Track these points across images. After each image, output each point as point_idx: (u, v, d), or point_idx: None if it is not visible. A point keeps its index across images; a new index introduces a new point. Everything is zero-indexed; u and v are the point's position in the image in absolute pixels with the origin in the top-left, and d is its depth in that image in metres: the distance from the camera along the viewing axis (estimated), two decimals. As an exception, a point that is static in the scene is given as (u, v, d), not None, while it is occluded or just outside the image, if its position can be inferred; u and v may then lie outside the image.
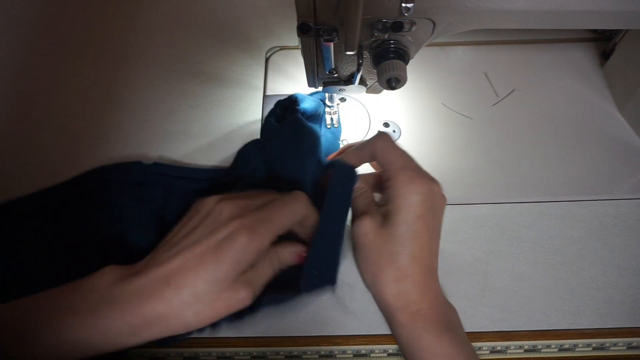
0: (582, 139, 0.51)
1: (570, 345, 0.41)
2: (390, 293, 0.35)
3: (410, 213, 0.35)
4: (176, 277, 0.30)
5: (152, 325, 0.30)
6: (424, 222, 0.35)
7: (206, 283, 0.31)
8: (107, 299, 0.30)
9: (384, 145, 0.38)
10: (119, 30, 0.60)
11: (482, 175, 0.49)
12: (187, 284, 0.30)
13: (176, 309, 0.30)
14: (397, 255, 0.35)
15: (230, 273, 0.31)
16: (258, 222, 0.33)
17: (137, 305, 0.30)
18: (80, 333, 0.30)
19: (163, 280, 0.31)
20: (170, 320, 0.31)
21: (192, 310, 0.31)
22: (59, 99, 0.54)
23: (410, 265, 0.35)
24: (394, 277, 0.35)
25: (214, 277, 0.31)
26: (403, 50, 0.37)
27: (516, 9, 0.36)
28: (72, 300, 0.31)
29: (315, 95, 0.51)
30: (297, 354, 0.41)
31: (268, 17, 0.61)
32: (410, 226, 0.35)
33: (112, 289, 0.31)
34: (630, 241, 0.45)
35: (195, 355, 0.41)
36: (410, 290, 0.35)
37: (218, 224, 0.32)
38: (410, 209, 0.35)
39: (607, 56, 0.56)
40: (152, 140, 0.51)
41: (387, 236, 0.35)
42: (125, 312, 0.30)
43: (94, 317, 0.30)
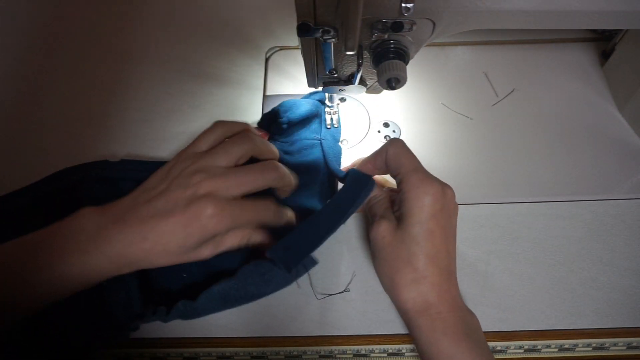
0: (582, 139, 0.51)
1: (570, 345, 0.41)
2: (409, 296, 0.35)
3: (423, 213, 0.36)
4: (152, 236, 0.36)
5: (132, 264, 0.36)
6: (437, 221, 0.36)
7: (176, 246, 0.36)
8: (95, 241, 0.35)
9: (396, 150, 0.39)
10: (119, 31, 0.60)
11: (482, 175, 0.49)
12: (160, 242, 0.36)
13: (150, 257, 0.36)
14: (414, 256, 0.35)
15: (195, 242, 0.36)
16: (228, 214, 0.36)
17: (121, 250, 0.35)
18: (72, 271, 0.34)
19: (141, 234, 0.36)
20: (144, 262, 0.37)
21: (162, 260, 0.37)
22: (59, 99, 0.54)
23: (427, 266, 0.35)
24: (411, 279, 0.35)
25: (183, 243, 0.36)
26: (403, 50, 0.37)
27: (516, 9, 0.36)
28: (60, 242, 0.35)
29: (314, 95, 0.51)
30: (297, 354, 0.41)
31: (268, 17, 0.61)
32: (423, 225, 0.35)
33: (98, 232, 0.35)
34: (630, 241, 0.45)
35: (195, 355, 0.41)
36: (428, 292, 0.35)
37: (193, 199, 0.36)
38: (422, 208, 0.36)
39: (607, 56, 0.56)
40: (152, 141, 0.51)
41: (402, 237, 0.36)
42: (112, 254, 0.35)
43: (85, 256, 0.35)
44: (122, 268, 0.36)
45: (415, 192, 0.36)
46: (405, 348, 0.41)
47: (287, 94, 0.53)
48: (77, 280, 0.35)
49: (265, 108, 0.53)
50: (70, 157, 0.50)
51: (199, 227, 0.36)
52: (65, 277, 0.34)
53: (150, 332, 0.41)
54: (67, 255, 0.34)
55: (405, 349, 0.41)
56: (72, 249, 0.35)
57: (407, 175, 0.37)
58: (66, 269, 0.34)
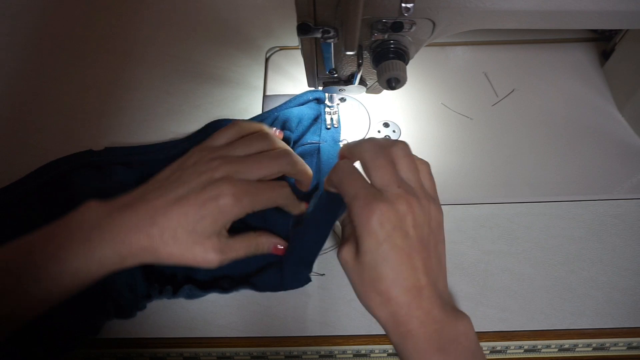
0: (582, 139, 0.51)
1: (570, 345, 0.41)
2: (380, 315, 0.34)
3: (372, 240, 0.33)
4: (161, 220, 0.35)
5: (136, 255, 0.35)
6: (390, 244, 0.33)
7: (185, 231, 0.35)
8: (99, 230, 0.34)
9: (337, 177, 0.37)
10: (119, 31, 0.60)
11: (482, 175, 0.49)
12: (169, 227, 0.35)
13: (156, 245, 0.35)
14: (375, 281, 0.34)
15: (207, 228, 0.35)
16: (245, 193, 0.36)
17: (126, 237, 0.34)
18: (78, 263, 0.33)
19: (150, 219, 0.35)
20: (149, 252, 0.35)
21: (167, 250, 0.35)
22: (59, 99, 0.54)
23: (390, 289, 0.34)
24: (379, 302, 0.34)
25: (194, 228, 0.35)
26: (403, 50, 0.37)
27: (516, 9, 0.36)
28: (66, 234, 0.34)
29: (313, 94, 0.51)
30: (297, 354, 0.41)
31: (268, 17, 0.61)
32: (374, 253, 0.34)
33: (102, 220, 0.35)
34: (630, 241, 0.45)
35: (195, 355, 0.41)
36: (397, 312, 0.34)
37: (210, 182, 0.36)
38: (370, 236, 0.33)
39: (607, 56, 0.56)
40: (152, 141, 0.51)
41: (361, 263, 0.34)
42: (116, 242, 0.34)
43: (89, 247, 0.34)
44: (127, 259, 0.35)
45: (360, 220, 0.34)
46: (405, 348, 0.41)
47: (287, 94, 0.53)
48: (82, 274, 0.34)
49: (265, 108, 0.53)
50: (70, 157, 0.50)
51: (214, 209, 0.35)
52: (70, 271, 0.33)
53: (150, 332, 0.41)
54: (70, 247, 0.34)
55: None
56: (75, 240, 0.34)
57: (350, 205, 0.35)
58: (70, 262, 0.33)
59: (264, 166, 0.38)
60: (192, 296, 0.41)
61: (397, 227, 0.34)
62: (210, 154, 0.38)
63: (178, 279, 0.42)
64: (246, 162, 0.38)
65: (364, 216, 0.33)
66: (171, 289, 0.41)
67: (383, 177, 0.35)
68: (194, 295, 0.41)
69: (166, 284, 0.41)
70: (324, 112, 0.50)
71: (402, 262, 0.34)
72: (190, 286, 0.41)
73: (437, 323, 0.34)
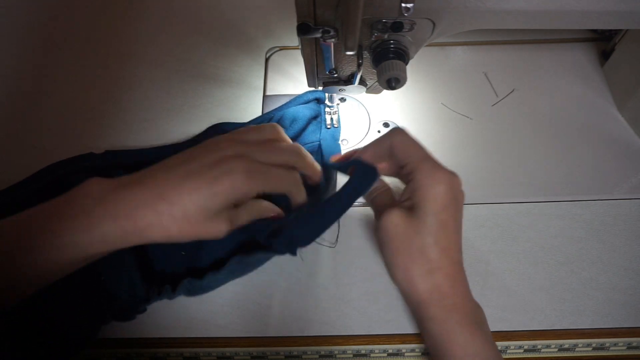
0: (582, 139, 0.51)
1: (570, 345, 0.41)
2: (424, 287, 0.35)
3: (437, 203, 0.35)
4: (171, 194, 0.33)
5: (142, 231, 0.33)
6: (450, 213, 0.35)
7: (196, 207, 0.33)
8: (103, 204, 0.33)
9: (402, 138, 0.38)
10: (119, 31, 0.60)
11: (482, 175, 0.49)
12: (180, 202, 0.33)
13: (164, 221, 0.33)
14: (428, 247, 0.35)
15: (218, 204, 0.34)
16: (257, 171, 0.35)
17: (131, 211, 0.33)
18: (80, 236, 0.32)
19: (158, 194, 0.33)
20: (157, 229, 0.33)
21: (177, 225, 0.34)
22: (59, 99, 0.54)
23: (441, 258, 0.35)
24: (426, 270, 0.35)
25: (205, 204, 0.34)
26: (403, 50, 0.37)
27: (516, 9, 0.36)
28: (69, 207, 0.33)
29: (313, 94, 0.51)
30: (297, 354, 0.41)
31: (268, 17, 0.61)
32: (438, 216, 0.35)
33: (106, 195, 0.33)
34: (630, 241, 0.45)
35: (195, 355, 0.41)
36: (443, 283, 0.35)
37: (221, 158, 0.35)
38: (436, 198, 0.35)
39: (607, 56, 0.56)
40: (153, 140, 0.51)
41: (417, 227, 0.35)
42: (120, 216, 0.33)
43: (91, 220, 0.32)
44: (131, 235, 0.33)
45: (429, 181, 0.35)
46: (405, 348, 0.41)
47: (287, 94, 0.53)
48: (82, 249, 0.33)
49: (265, 108, 0.53)
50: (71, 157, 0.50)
51: (228, 184, 0.34)
52: (70, 245, 0.32)
53: (150, 332, 0.41)
54: (72, 220, 0.32)
55: (405, 349, 0.41)
56: (77, 213, 0.33)
57: (419, 164, 0.36)
58: (71, 235, 0.32)
59: (276, 152, 0.38)
60: (192, 291, 0.40)
61: (455, 198, 0.36)
62: (223, 137, 0.38)
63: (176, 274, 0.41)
64: (258, 145, 0.38)
65: (435, 180, 0.35)
66: (170, 288, 0.40)
67: None
68: (193, 289, 0.40)
69: (164, 284, 0.41)
70: (324, 112, 0.50)
71: (454, 233, 0.36)
72: (189, 279, 0.40)
73: (472, 302, 0.37)
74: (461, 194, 0.37)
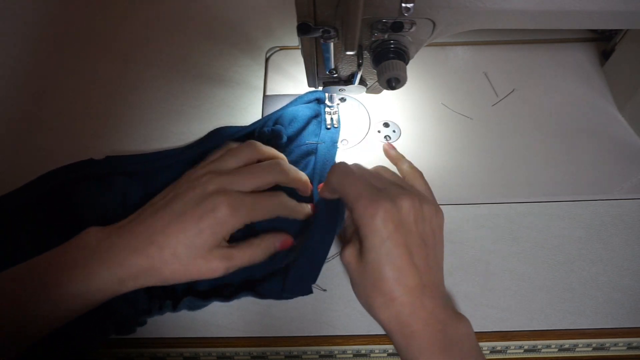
0: (582, 139, 0.51)
1: (570, 345, 0.41)
2: (384, 317, 0.34)
3: (376, 237, 0.34)
4: (159, 238, 0.35)
5: (137, 277, 0.35)
6: (394, 241, 0.34)
7: (185, 247, 0.35)
8: (97, 254, 0.34)
9: (337, 180, 0.37)
10: (119, 31, 0.60)
11: (482, 175, 0.49)
12: (168, 245, 0.35)
13: (157, 265, 0.35)
14: (378, 281, 0.34)
15: (207, 242, 0.35)
16: (241, 203, 0.36)
17: (124, 259, 0.34)
18: (78, 287, 0.34)
19: (147, 239, 0.35)
20: (151, 273, 0.35)
21: (169, 268, 0.35)
22: (59, 99, 0.54)
23: (393, 288, 0.34)
24: (382, 302, 0.34)
25: (193, 243, 0.35)
26: (403, 50, 0.37)
27: (516, 9, 0.36)
28: (66, 258, 0.35)
29: (313, 94, 0.51)
30: (297, 354, 0.41)
31: (268, 17, 0.61)
32: (379, 251, 0.34)
33: (100, 245, 0.35)
34: (630, 241, 0.45)
35: (195, 355, 0.41)
36: (400, 312, 0.34)
37: (204, 196, 0.36)
38: (374, 233, 0.34)
39: (607, 56, 0.56)
40: (153, 140, 0.51)
41: (364, 263, 0.35)
42: (114, 264, 0.34)
43: (87, 271, 0.34)
44: (127, 282, 0.35)
45: (364, 219, 0.34)
46: (405, 348, 0.41)
47: (287, 94, 0.53)
48: (81, 299, 0.34)
49: (265, 108, 0.53)
50: (71, 157, 0.50)
51: (212, 221, 0.35)
52: (71, 295, 0.34)
53: (150, 332, 0.41)
54: (70, 271, 0.34)
55: None
56: (74, 264, 0.34)
57: (353, 205, 0.35)
58: (72, 286, 0.34)
59: (256, 177, 0.38)
60: (194, 308, 0.41)
61: (400, 224, 0.34)
62: (201, 170, 0.39)
63: (178, 291, 0.41)
64: (238, 173, 0.38)
65: (368, 215, 0.34)
66: (170, 304, 0.40)
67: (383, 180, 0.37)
68: (195, 307, 0.41)
69: (166, 299, 0.40)
70: (324, 112, 0.50)
71: (404, 260, 0.34)
72: (190, 298, 0.40)
73: (440, 323, 0.34)
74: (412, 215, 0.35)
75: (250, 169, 0.39)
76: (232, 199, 0.36)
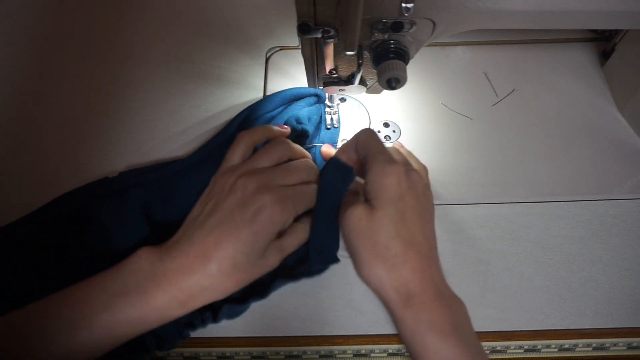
0: (582, 139, 0.51)
1: (570, 345, 0.41)
2: (390, 284, 0.33)
3: (390, 193, 0.34)
4: (216, 252, 0.33)
5: (198, 296, 0.33)
6: (407, 203, 0.34)
7: (243, 254, 0.34)
8: (152, 278, 0.33)
9: (364, 137, 0.39)
10: (119, 31, 0.60)
11: (482, 175, 0.49)
12: (226, 257, 0.33)
13: (218, 280, 0.33)
14: (391, 239, 0.33)
15: (264, 243, 0.34)
16: (286, 196, 0.35)
17: (182, 281, 0.33)
18: (133, 312, 0.32)
19: (203, 256, 0.33)
20: (213, 290, 0.34)
21: (232, 280, 0.34)
22: (59, 100, 0.54)
23: (406, 251, 0.33)
24: (391, 265, 0.33)
25: (251, 248, 0.34)
26: (403, 50, 0.37)
27: (516, 9, 0.36)
28: (119, 283, 0.33)
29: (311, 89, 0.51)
30: (297, 354, 0.41)
31: (268, 17, 0.61)
32: (394, 206, 0.34)
33: (154, 268, 0.33)
34: (630, 241, 0.45)
35: (195, 355, 0.41)
36: (410, 279, 0.33)
37: (247, 198, 0.35)
38: (388, 189, 0.34)
39: (607, 56, 0.56)
40: (153, 140, 0.51)
41: (377, 219, 0.34)
42: (172, 288, 0.33)
43: (143, 296, 0.32)
44: (189, 303, 0.34)
45: (380, 173, 0.35)
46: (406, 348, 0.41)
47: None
48: (137, 324, 0.33)
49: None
50: (71, 157, 0.50)
51: (266, 221, 0.34)
52: (124, 321, 0.32)
53: (150, 332, 0.41)
54: (125, 296, 0.32)
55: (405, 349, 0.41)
56: (129, 289, 0.33)
57: (372, 159, 0.36)
58: (126, 312, 0.32)
59: (293, 174, 0.38)
60: (233, 315, 0.40)
61: (412, 190, 0.35)
62: (233, 173, 0.37)
63: None
64: (275, 170, 0.37)
65: (386, 172, 0.35)
66: (211, 315, 0.40)
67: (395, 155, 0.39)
68: (234, 314, 0.40)
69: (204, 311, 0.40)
70: (324, 112, 0.50)
71: (416, 224, 0.34)
72: (228, 306, 0.39)
73: (446, 300, 0.33)
74: (420, 187, 0.36)
75: (288, 166, 0.38)
76: (278, 194, 0.35)
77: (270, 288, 0.41)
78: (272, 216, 0.34)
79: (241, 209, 0.34)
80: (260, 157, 0.38)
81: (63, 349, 0.32)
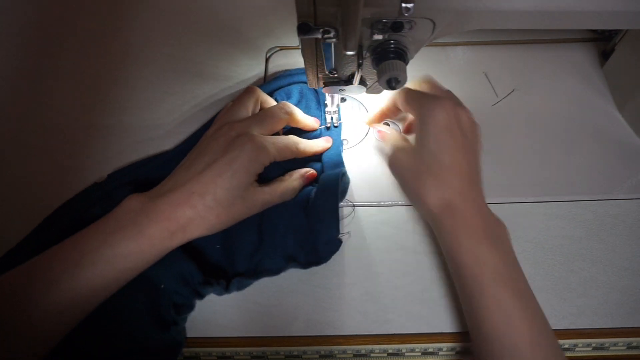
0: (582, 139, 0.51)
1: (570, 345, 0.41)
2: (434, 201, 0.37)
3: (437, 126, 0.38)
4: (199, 187, 0.38)
5: (185, 227, 0.37)
6: (451, 134, 0.38)
7: (224, 190, 0.38)
8: (144, 213, 0.37)
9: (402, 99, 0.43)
10: (119, 30, 0.60)
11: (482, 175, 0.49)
12: (208, 191, 0.38)
13: (202, 212, 0.37)
14: (433, 165, 0.38)
15: (242, 181, 0.39)
16: (264, 141, 0.40)
17: (170, 213, 0.37)
18: (130, 245, 0.36)
19: (187, 191, 0.38)
20: (198, 222, 0.38)
21: (214, 213, 0.38)
22: (58, 99, 0.54)
23: (448, 174, 0.37)
24: (434, 187, 0.37)
25: (230, 184, 0.38)
26: (403, 50, 0.37)
27: (516, 9, 0.36)
28: (114, 222, 0.37)
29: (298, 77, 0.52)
30: (297, 354, 0.41)
31: (268, 17, 0.61)
32: (438, 137, 0.38)
33: (145, 207, 0.37)
34: (630, 241, 0.45)
35: (195, 355, 0.42)
36: (452, 197, 0.37)
37: (228, 141, 0.39)
38: (435, 122, 0.38)
39: (607, 56, 0.56)
40: (152, 140, 0.51)
41: (420, 152, 0.39)
42: (161, 219, 0.37)
43: (137, 227, 0.36)
44: (176, 234, 0.37)
45: (429, 108, 0.39)
46: (405, 348, 0.41)
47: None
48: (134, 255, 0.36)
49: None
50: (71, 157, 0.50)
51: (243, 160, 0.38)
52: (123, 254, 0.35)
53: (150, 332, 0.41)
54: (120, 231, 0.36)
55: (405, 349, 0.41)
56: (124, 225, 0.36)
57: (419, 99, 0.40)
58: (123, 245, 0.35)
59: (270, 118, 0.43)
60: (242, 287, 0.42)
61: (456, 121, 0.39)
62: (215, 125, 0.42)
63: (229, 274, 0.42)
64: (252, 119, 0.42)
65: (430, 106, 0.39)
66: (224, 283, 0.41)
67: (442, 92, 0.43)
68: (243, 286, 0.42)
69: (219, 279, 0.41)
70: (324, 112, 0.50)
71: (459, 153, 0.38)
72: (239, 278, 0.41)
73: (487, 217, 0.38)
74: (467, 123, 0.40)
75: (262, 113, 0.43)
76: (256, 139, 0.39)
77: (283, 270, 0.42)
78: (250, 156, 0.39)
79: (223, 152, 0.39)
80: (238, 108, 0.43)
81: (71, 289, 0.34)
